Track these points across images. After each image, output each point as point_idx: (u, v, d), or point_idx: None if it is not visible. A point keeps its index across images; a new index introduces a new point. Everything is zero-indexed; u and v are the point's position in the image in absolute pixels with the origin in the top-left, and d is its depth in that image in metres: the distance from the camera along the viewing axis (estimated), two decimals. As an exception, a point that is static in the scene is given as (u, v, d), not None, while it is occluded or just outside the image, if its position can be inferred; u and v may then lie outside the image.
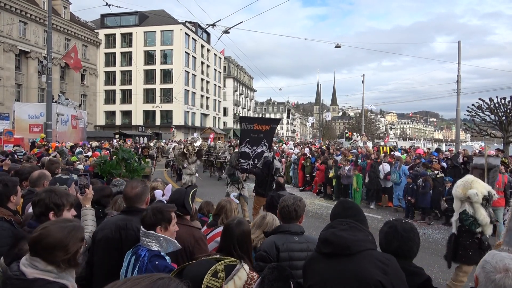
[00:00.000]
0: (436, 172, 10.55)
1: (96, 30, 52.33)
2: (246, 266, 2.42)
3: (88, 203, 3.19)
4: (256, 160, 8.80)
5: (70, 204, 2.70)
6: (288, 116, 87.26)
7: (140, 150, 15.02)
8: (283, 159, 17.19)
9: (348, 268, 1.87)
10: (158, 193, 3.29)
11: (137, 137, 41.18)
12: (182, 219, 3.08)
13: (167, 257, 2.38)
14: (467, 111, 21.27)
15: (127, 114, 55.94)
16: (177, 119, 53.38)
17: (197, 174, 13.11)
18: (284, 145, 26.00)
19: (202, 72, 61.38)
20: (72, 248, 1.79)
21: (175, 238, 2.90)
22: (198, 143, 13.69)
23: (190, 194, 3.16)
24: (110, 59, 55.19)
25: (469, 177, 5.36)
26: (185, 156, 12.32)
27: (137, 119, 54.61)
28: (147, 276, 1.05)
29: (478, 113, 20.78)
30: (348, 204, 2.45)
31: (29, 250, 1.79)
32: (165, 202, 3.44)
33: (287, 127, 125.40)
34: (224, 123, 73.70)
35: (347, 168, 12.80)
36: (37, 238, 1.76)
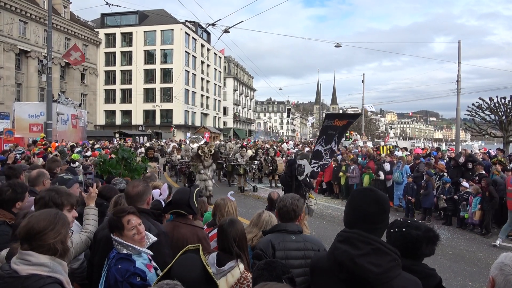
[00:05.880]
0: (441, 173, 10.57)
1: (96, 30, 52.28)
2: (241, 265, 2.49)
3: (92, 202, 3.17)
4: (328, 157, 7.47)
5: (71, 205, 2.69)
6: (288, 116, 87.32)
7: (144, 151, 13.80)
8: (283, 158, 17.16)
9: None
10: (155, 192, 3.28)
11: (137, 137, 41.23)
12: (185, 219, 3.07)
13: (139, 260, 2.31)
14: (467, 110, 21.29)
15: (127, 113, 55.91)
16: (177, 119, 53.35)
17: (213, 180, 11.72)
18: (284, 144, 26.04)
19: (202, 72, 61.33)
20: (62, 229, 1.83)
21: (178, 237, 2.93)
22: (201, 143, 12.51)
23: (194, 193, 3.13)
24: (110, 59, 55.15)
25: None
26: (200, 159, 10.97)
27: (137, 119, 54.58)
28: None
29: (478, 112, 20.79)
30: (373, 195, 1.80)
31: (20, 242, 1.80)
32: (162, 201, 3.44)
33: (287, 127, 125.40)
34: (224, 123, 73.69)
35: (352, 167, 12.86)
36: (27, 226, 1.78)
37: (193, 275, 2.14)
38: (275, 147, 19.93)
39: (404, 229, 2.10)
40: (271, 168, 15.94)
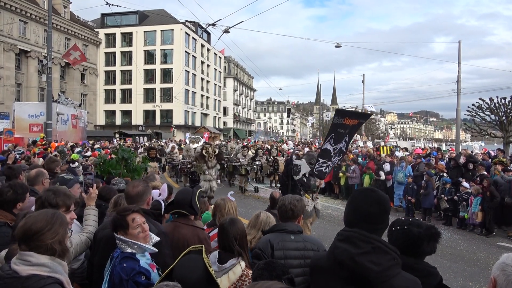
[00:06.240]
0: (441, 173, 10.56)
1: (96, 30, 52.27)
2: (242, 263, 2.52)
3: (92, 203, 3.17)
4: (336, 157, 6.98)
5: (66, 206, 2.67)
6: (288, 116, 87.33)
7: (146, 151, 13.70)
8: (283, 158, 17.12)
9: None
10: (155, 193, 3.26)
11: (137, 137, 41.23)
12: (187, 219, 3.07)
13: (143, 259, 2.32)
14: (468, 111, 21.29)
15: (127, 113, 55.91)
16: (177, 119, 53.35)
17: (219, 181, 11.61)
18: (284, 144, 26.03)
19: (202, 72, 61.32)
20: (59, 229, 1.82)
21: (179, 237, 2.93)
22: (201, 143, 12.40)
23: (197, 194, 3.12)
24: (110, 59, 55.15)
25: None
26: (204, 160, 10.89)
27: (137, 119, 54.58)
28: None
29: (478, 113, 20.79)
30: (374, 196, 1.81)
31: (18, 243, 1.79)
32: (162, 201, 3.43)
33: (287, 127, 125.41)
34: (224, 123, 73.70)
35: (352, 168, 12.87)
36: (24, 226, 1.77)
37: (195, 276, 2.14)
38: (276, 147, 19.91)
39: (405, 227, 2.10)
40: (272, 167, 15.91)
